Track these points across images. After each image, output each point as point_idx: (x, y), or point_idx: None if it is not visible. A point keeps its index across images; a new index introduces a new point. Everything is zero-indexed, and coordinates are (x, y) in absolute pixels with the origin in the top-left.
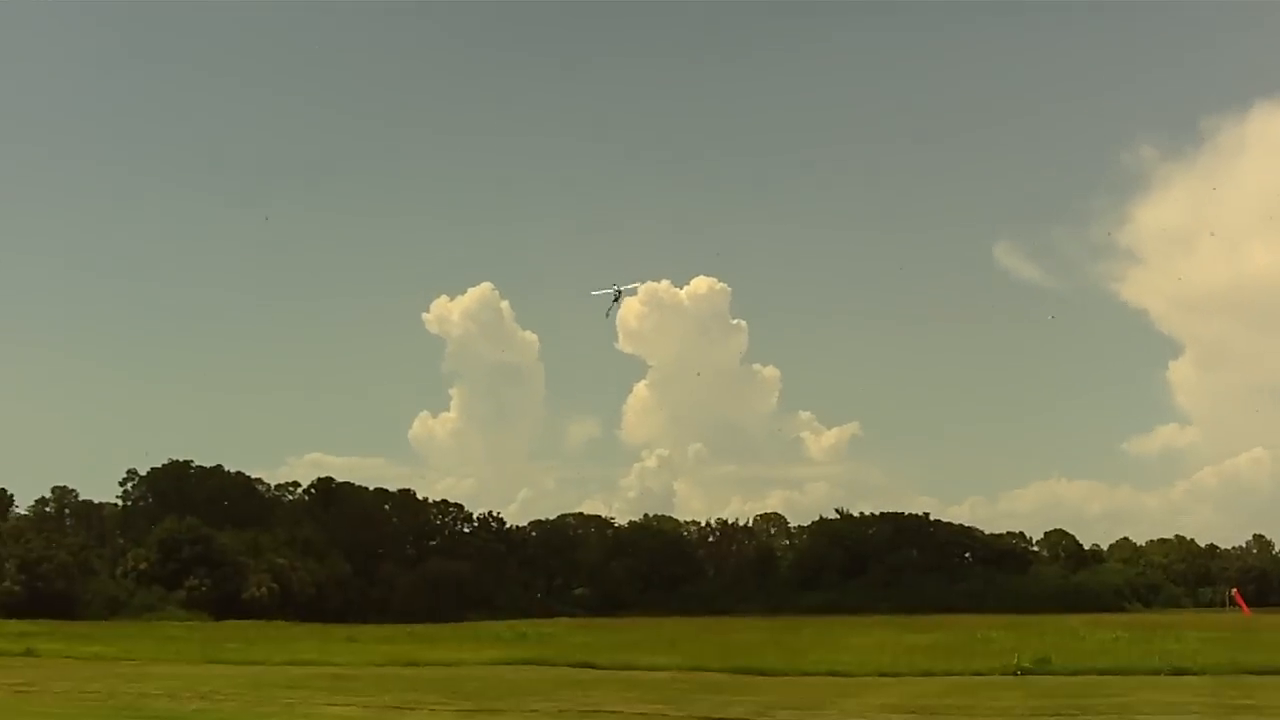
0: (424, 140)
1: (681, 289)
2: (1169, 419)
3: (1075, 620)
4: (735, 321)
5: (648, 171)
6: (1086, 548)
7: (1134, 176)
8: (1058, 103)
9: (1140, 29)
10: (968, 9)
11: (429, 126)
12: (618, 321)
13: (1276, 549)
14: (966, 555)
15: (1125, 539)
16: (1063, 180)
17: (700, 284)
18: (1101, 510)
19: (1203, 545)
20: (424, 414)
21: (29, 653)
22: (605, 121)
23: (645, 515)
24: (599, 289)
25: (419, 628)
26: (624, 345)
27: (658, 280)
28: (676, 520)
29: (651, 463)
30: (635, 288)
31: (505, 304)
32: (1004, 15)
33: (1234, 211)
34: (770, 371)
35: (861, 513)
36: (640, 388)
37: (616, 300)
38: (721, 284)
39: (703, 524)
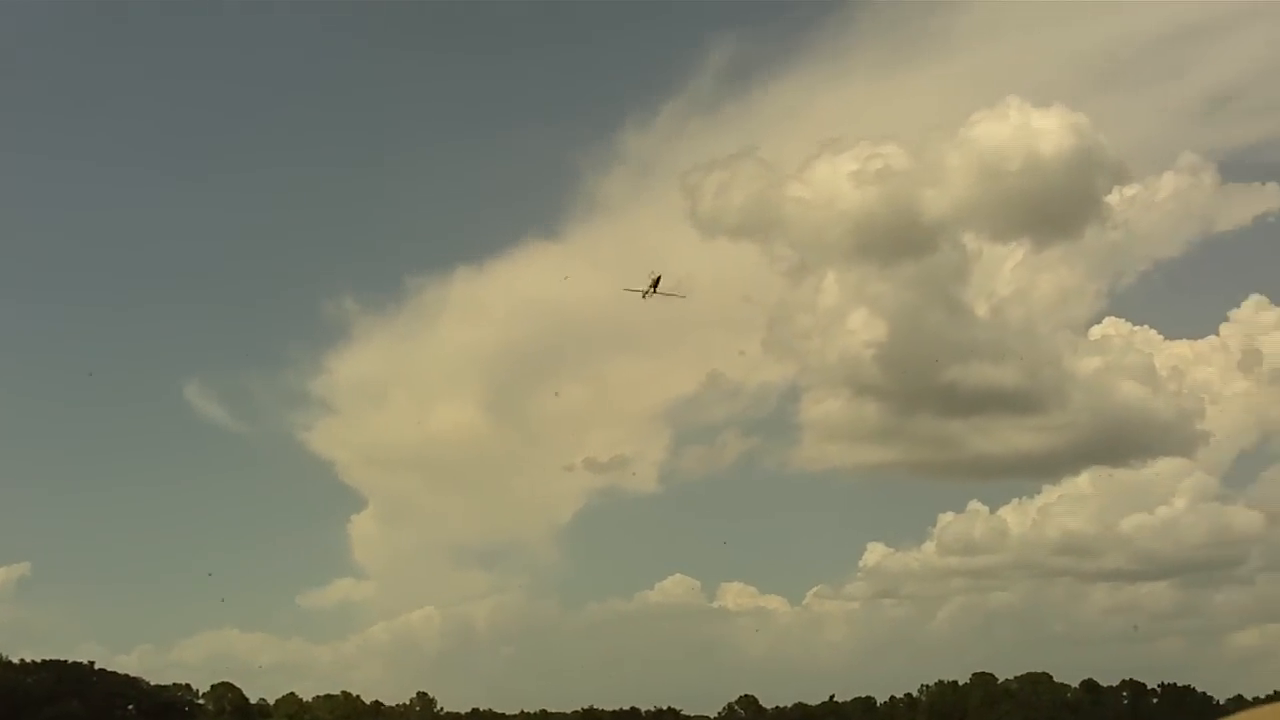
0: None
1: None
2: (346, 573)
3: None
4: None
5: None
6: (253, 701)
7: (334, 327)
8: (261, 253)
9: (352, 190)
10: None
11: None
12: None
13: (439, 707)
14: (130, 707)
15: (292, 693)
16: (260, 325)
17: None
18: (273, 662)
19: (368, 702)
20: None
21: None
22: None
23: None
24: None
25: None
26: None
27: None
28: None
29: None
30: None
31: None
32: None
33: (427, 369)
34: None
35: (22, 659)
36: None
37: (654, 287)
38: None
39: None
